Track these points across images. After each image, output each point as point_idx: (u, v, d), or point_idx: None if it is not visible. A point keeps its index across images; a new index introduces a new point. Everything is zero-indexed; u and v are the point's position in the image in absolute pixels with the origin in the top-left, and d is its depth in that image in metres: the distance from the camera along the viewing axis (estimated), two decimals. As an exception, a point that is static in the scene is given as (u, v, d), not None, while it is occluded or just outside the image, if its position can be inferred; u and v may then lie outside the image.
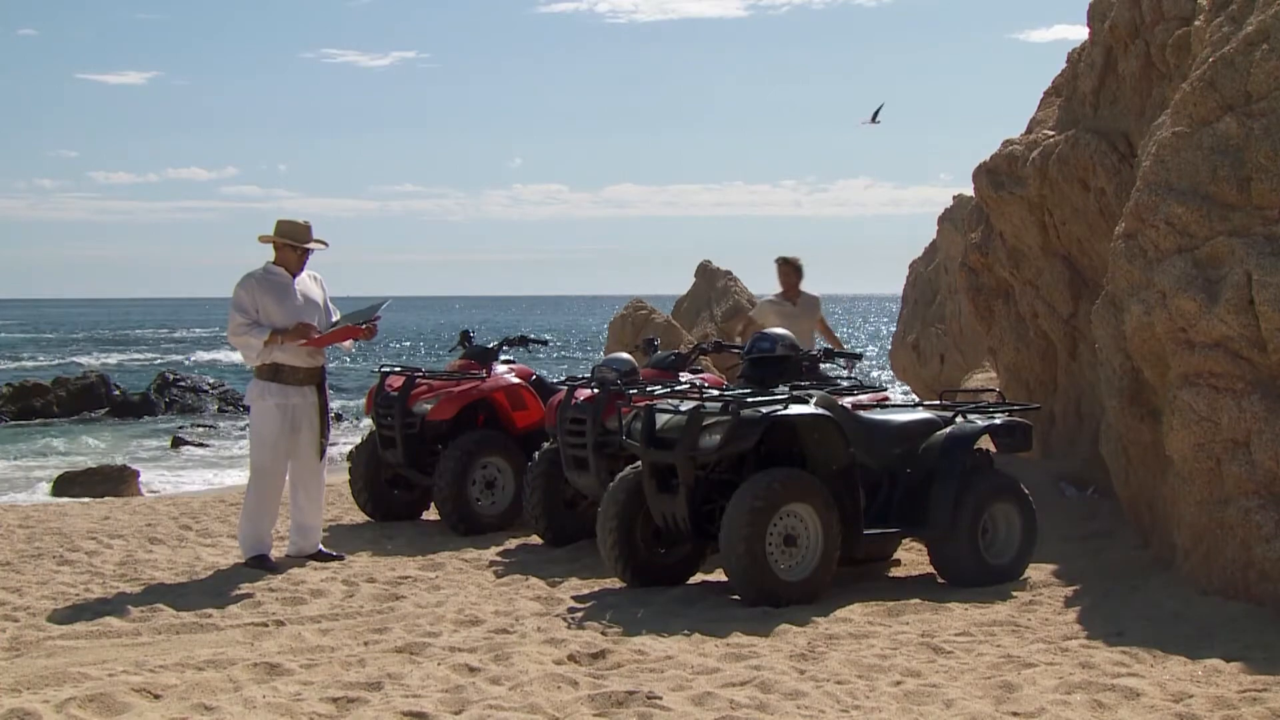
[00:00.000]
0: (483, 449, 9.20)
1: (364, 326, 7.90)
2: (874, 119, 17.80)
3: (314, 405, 7.84)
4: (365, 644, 5.76)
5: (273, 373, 7.75)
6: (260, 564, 7.70)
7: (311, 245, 7.87)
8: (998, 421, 7.48)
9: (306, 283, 7.90)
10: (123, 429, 25.76)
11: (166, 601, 6.78)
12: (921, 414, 7.48)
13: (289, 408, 7.76)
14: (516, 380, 9.62)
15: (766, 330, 7.70)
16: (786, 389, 7.04)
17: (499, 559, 8.19)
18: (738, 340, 10.67)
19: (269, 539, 7.88)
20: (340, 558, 8.03)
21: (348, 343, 8.05)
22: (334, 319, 7.97)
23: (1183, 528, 6.49)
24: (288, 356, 7.73)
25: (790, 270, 10.93)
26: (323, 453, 7.95)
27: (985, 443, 7.58)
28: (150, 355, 56.38)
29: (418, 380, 9.51)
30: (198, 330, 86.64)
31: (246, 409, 8.68)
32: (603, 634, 5.92)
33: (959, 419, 7.41)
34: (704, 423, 6.71)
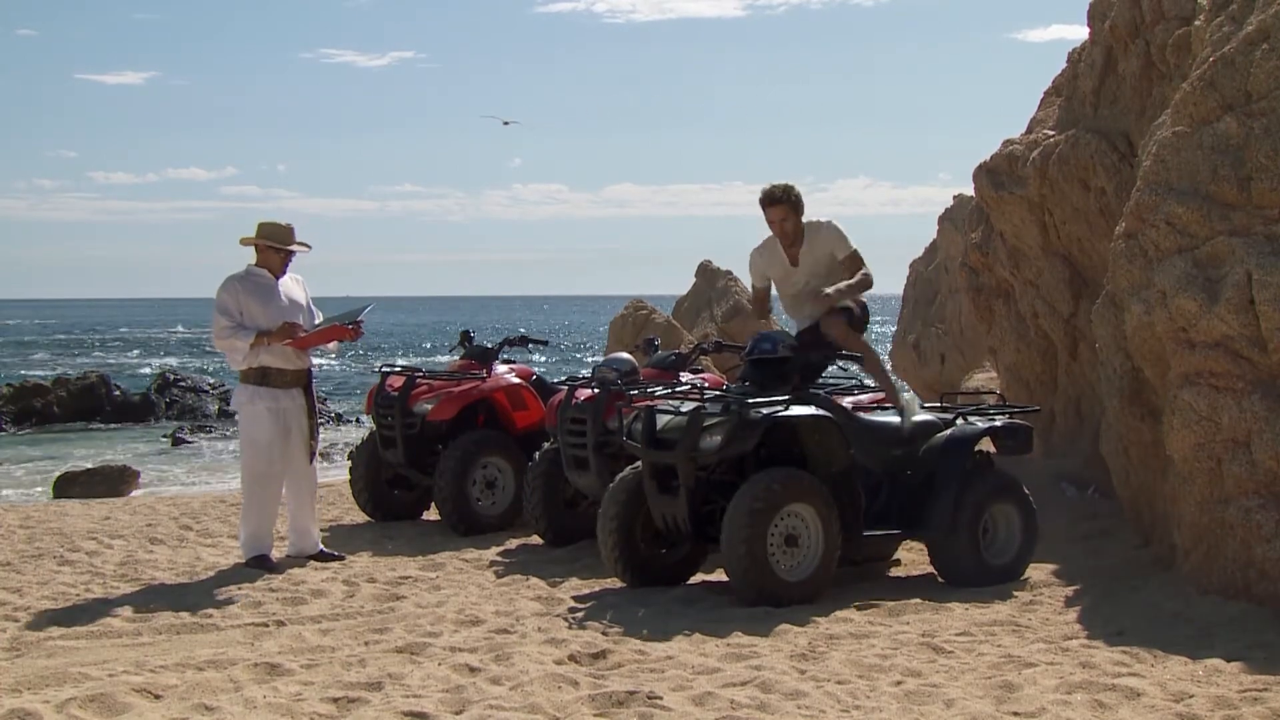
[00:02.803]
0: (483, 449, 9.21)
1: (349, 327, 7.84)
2: (505, 123, 18.72)
3: (302, 408, 7.77)
4: (366, 644, 5.76)
5: (261, 376, 7.65)
6: (260, 564, 7.68)
7: (294, 248, 7.75)
8: (998, 424, 7.48)
9: (289, 284, 7.79)
10: (123, 429, 25.76)
11: (167, 602, 6.79)
12: (923, 416, 7.47)
13: (280, 411, 7.68)
14: (517, 380, 9.62)
15: (768, 331, 7.64)
16: (787, 390, 7.04)
17: (499, 559, 8.19)
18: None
19: (269, 540, 7.87)
20: (341, 558, 8.01)
21: (332, 344, 8.00)
22: (316, 320, 7.90)
23: (1183, 528, 6.49)
24: (274, 359, 7.64)
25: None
26: (312, 455, 7.87)
27: (987, 444, 7.59)
28: (152, 356, 56.33)
29: (418, 380, 9.52)
30: (190, 329, 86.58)
31: (235, 414, 8.60)
32: (603, 634, 5.93)
33: (959, 421, 7.41)
34: (705, 424, 6.71)
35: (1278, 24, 6.33)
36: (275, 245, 7.69)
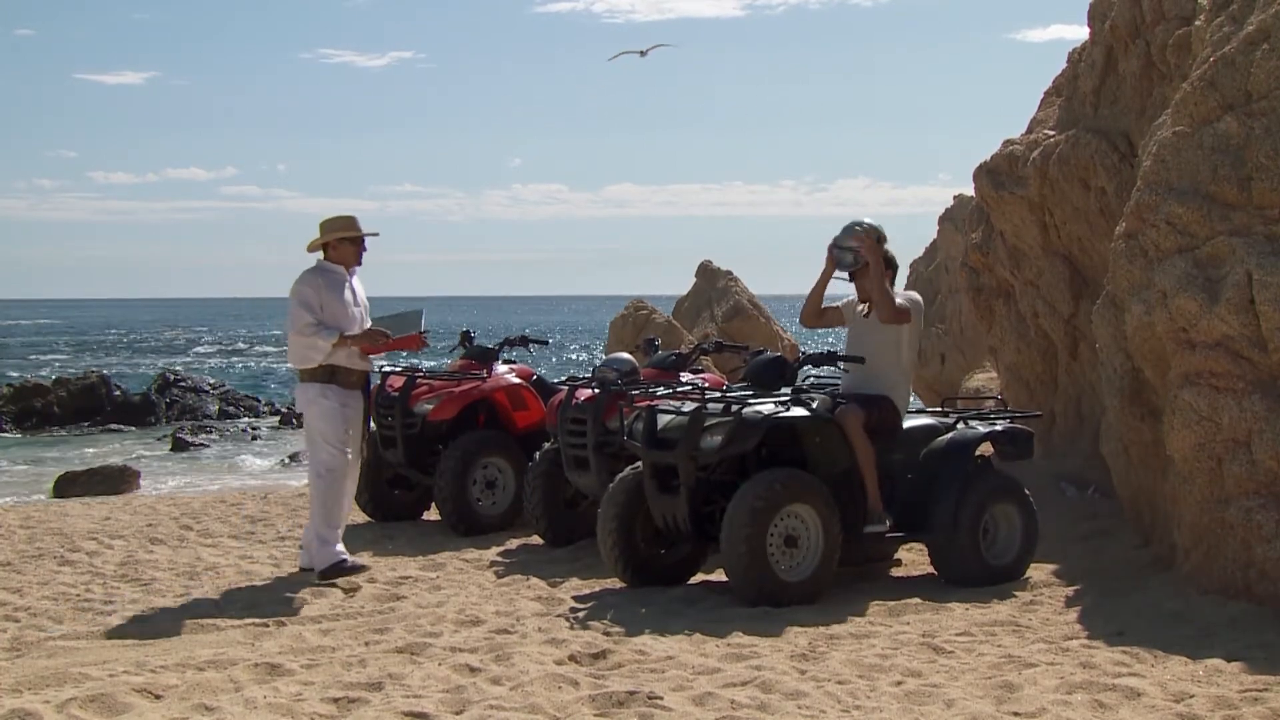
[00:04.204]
0: (483, 449, 9.20)
1: (419, 335, 7.73)
2: (643, 53, 18.19)
3: (359, 411, 7.58)
4: (366, 644, 5.76)
5: (329, 374, 7.41)
6: (341, 570, 7.34)
7: (367, 233, 7.58)
8: (999, 428, 7.48)
9: (355, 283, 7.63)
10: (123, 429, 25.75)
11: (167, 602, 6.79)
12: (924, 419, 7.47)
13: (347, 409, 7.47)
14: (517, 380, 9.62)
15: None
16: (789, 391, 7.04)
17: (500, 559, 8.19)
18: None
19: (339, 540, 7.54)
20: (365, 568, 7.61)
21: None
22: (367, 323, 7.75)
23: (1183, 527, 6.49)
24: (344, 359, 7.43)
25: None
26: (361, 457, 7.73)
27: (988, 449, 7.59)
28: (155, 357, 56.32)
29: (418, 380, 9.52)
30: (198, 329, 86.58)
31: (290, 412, 8.44)
32: (604, 634, 5.93)
33: (960, 425, 7.41)
34: (705, 424, 6.72)
35: (1278, 24, 6.33)
36: (350, 235, 7.53)
